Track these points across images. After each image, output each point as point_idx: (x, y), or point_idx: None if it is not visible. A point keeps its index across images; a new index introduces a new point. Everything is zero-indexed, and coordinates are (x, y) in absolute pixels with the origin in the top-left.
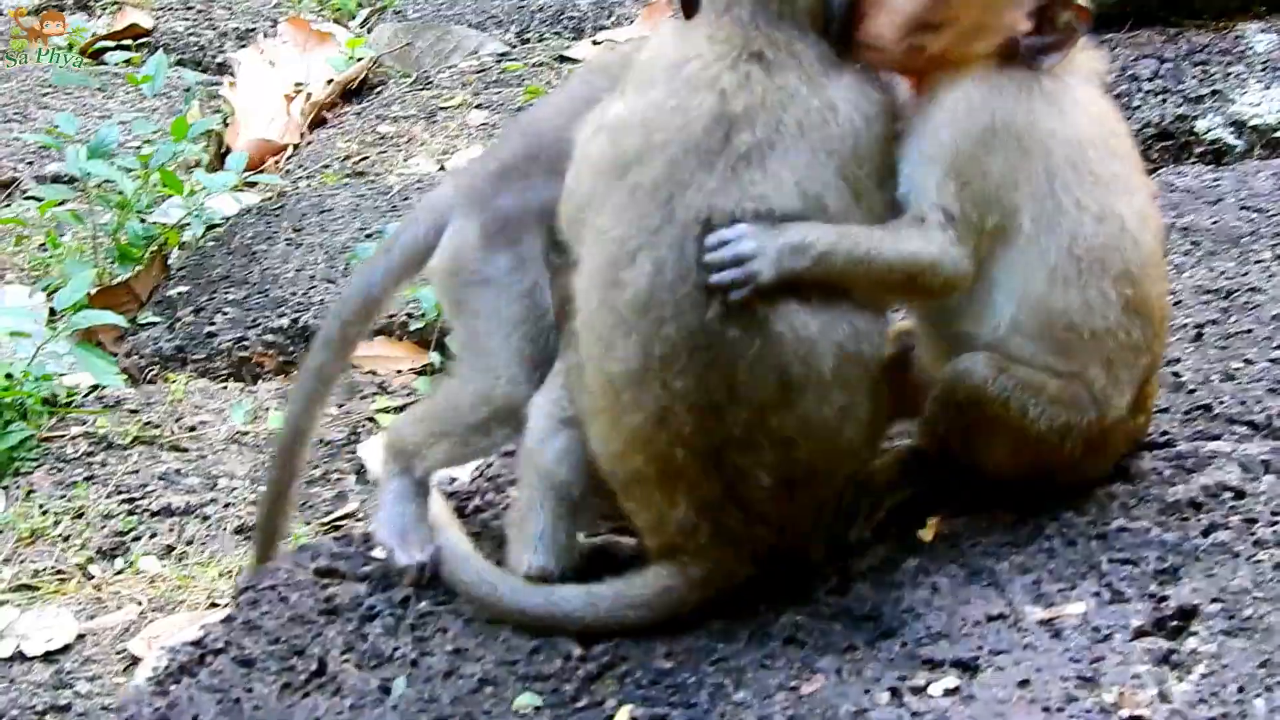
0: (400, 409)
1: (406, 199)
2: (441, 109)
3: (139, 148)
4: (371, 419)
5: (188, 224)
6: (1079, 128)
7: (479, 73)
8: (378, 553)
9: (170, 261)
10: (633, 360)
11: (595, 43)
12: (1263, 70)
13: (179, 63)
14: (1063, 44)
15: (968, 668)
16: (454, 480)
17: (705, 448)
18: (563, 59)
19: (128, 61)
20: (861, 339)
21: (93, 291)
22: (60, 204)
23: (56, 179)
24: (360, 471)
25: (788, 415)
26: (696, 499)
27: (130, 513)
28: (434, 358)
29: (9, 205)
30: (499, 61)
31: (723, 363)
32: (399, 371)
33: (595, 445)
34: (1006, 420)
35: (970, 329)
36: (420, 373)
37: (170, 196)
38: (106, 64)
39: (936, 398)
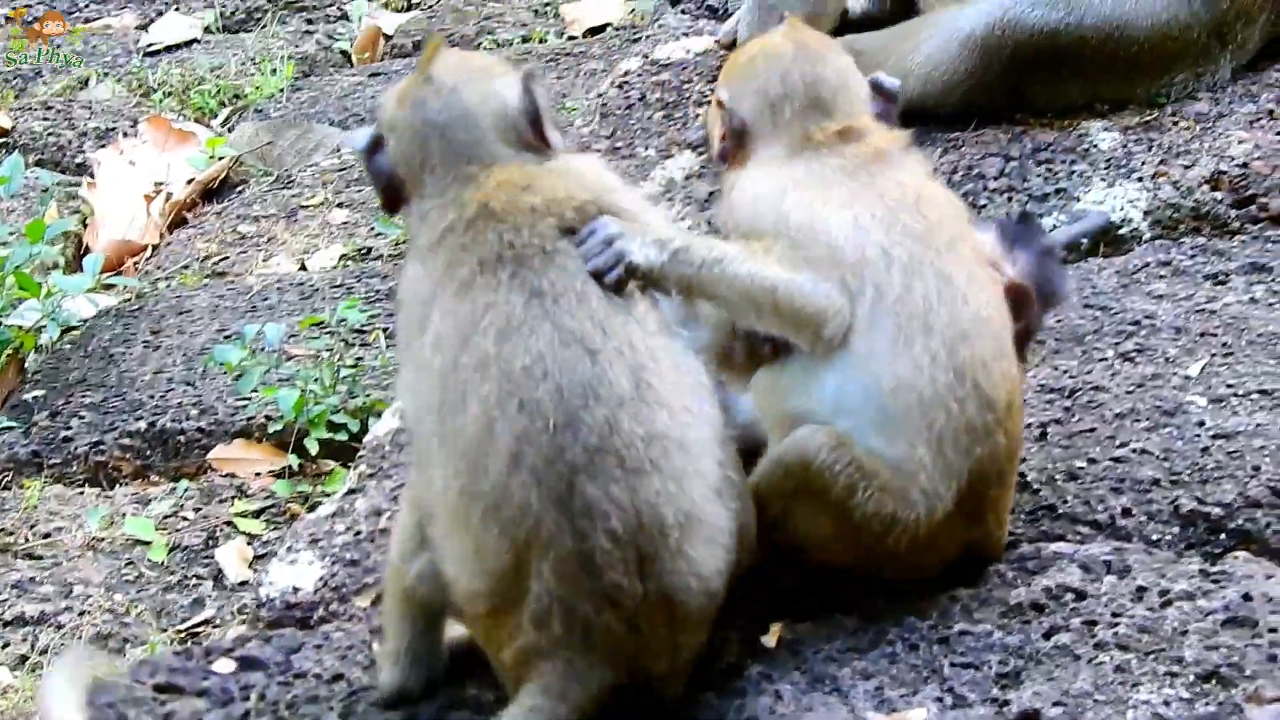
0: (259, 513)
1: (266, 299)
2: (302, 208)
3: None
4: (230, 523)
5: (44, 327)
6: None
7: (340, 171)
8: (218, 667)
9: (26, 365)
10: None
11: None
12: (1106, 168)
13: (38, 163)
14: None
15: None
16: (297, 590)
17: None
18: None
19: None
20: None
21: None
22: None
23: None
24: (218, 577)
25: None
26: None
27: None
28: (292, 460)
29: None
30: (357, 159)
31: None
32: (257, 474)
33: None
34: (831, 497)
35: (801, 405)
36: (279, 475)
37: (26, 299)
38: None
39: (766, 466)
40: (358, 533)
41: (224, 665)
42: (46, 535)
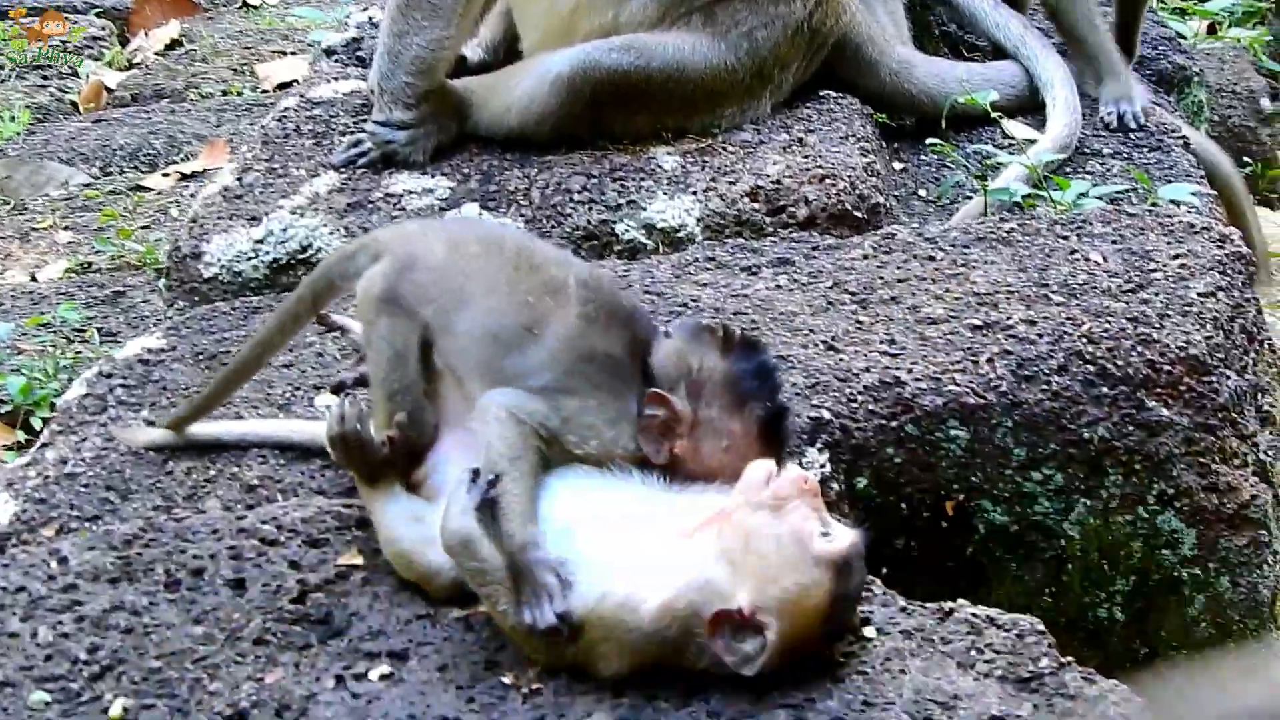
0: None
1: (2, 304)
2: (34, 230)
3: None
4: None
5: None
6: None
7: (66, 200)
8: None
9: None
10: None
11: (165, 175)
12: (668, 184)
13: None
14: None
15: (400, 657)
16: None
17: None
18: (138, 188)
19: None
20: None
21: None
22: None
23: None
24: None
25: None
26: None
27: None
28: (20, 435)
29: None
30: (84, 190)
31: None
32: None
33: None
34: None
35: None
36: (9, 449)
37: None
38: None
39: None
40: (46, 477)
41: None
42: None
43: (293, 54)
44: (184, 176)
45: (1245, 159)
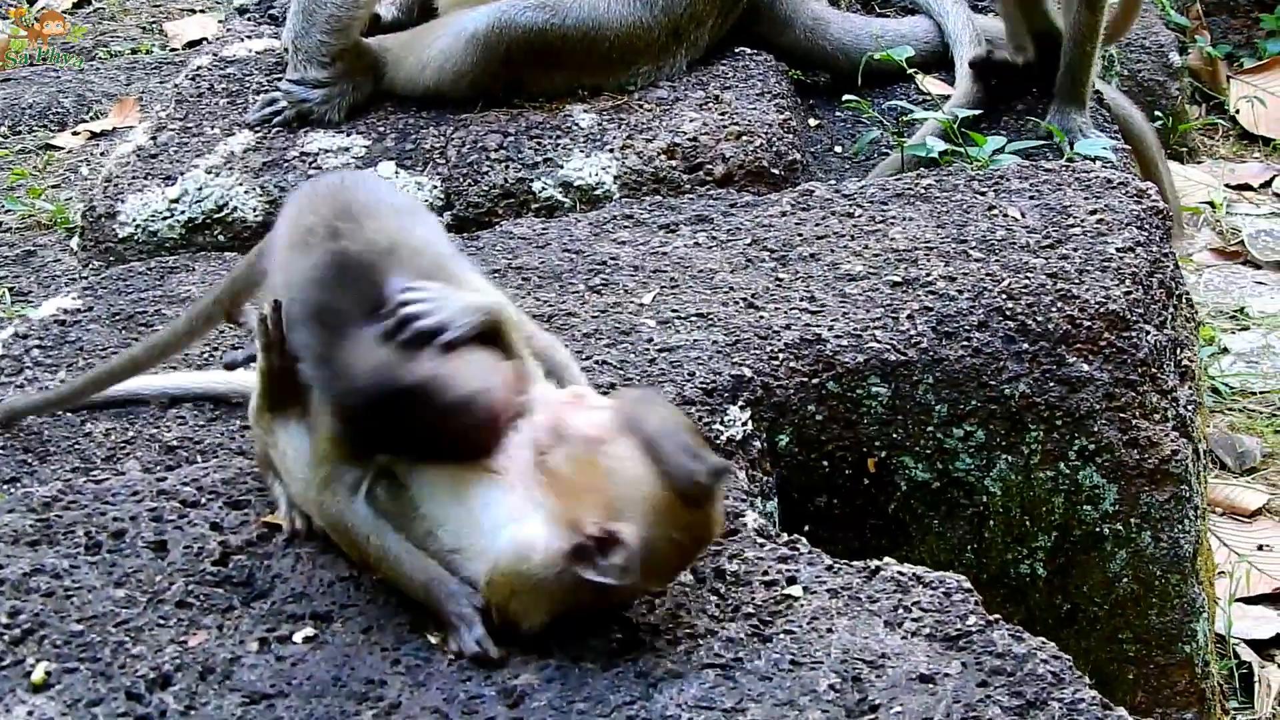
0: None
1: None
2: None
3: None
4: None
5: None
6: None
7: None
8: None
9: None
10: None
11: (75, 134)
12: (584, 142)
13: None
14: None
15: (324, 619)
16: None
17: None
18: (48, 147)
19: None
20: None
21: None
22: None
23: None
24: None
25: None
26: None
27: None
28: None
29: None
30: None
31: None
32: None
33: None
34: None
35: None
36: None
37: None
38: None
39: None
40: None
41: None
42: None
43: (201, 11)
44: (94, 135)
45: (1156, 113)
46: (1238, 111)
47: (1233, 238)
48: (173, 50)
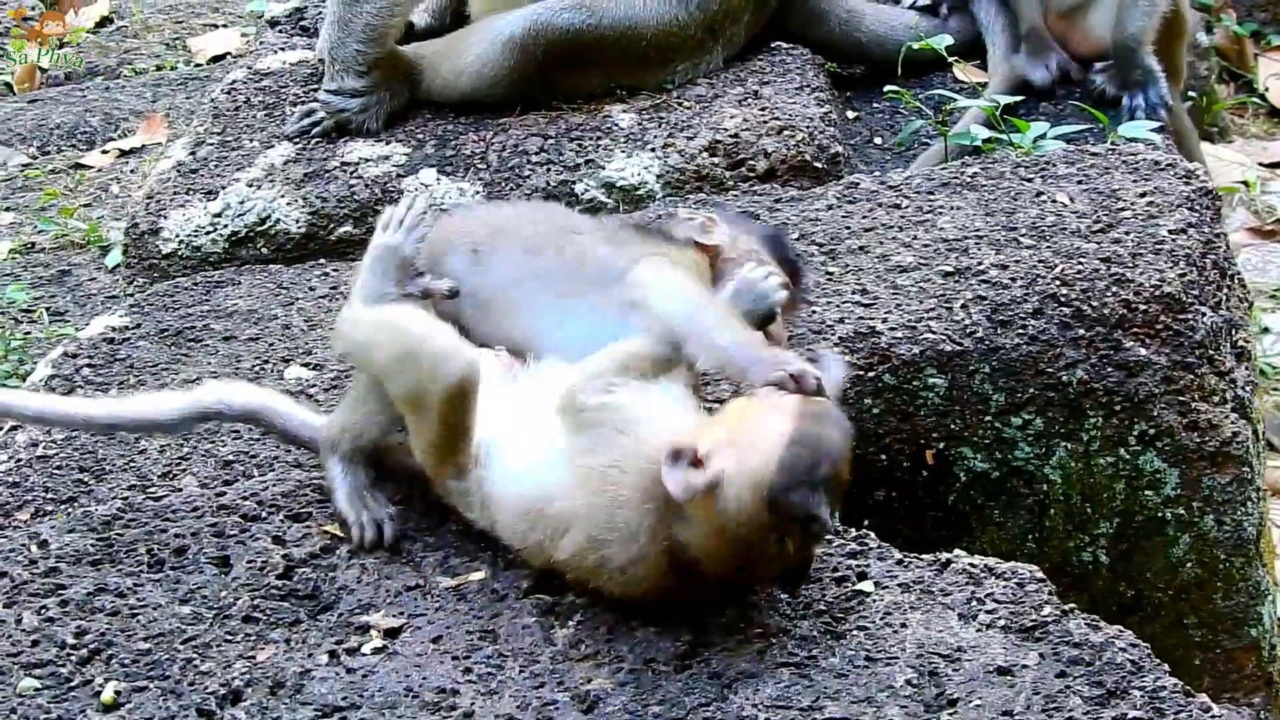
0: None
1: None
2: None
3: None
4: None
5: None
6: None
7: (6, 181)
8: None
9: None
10: None
11: (104, 152)
12: (625, 142)
13: None
14: None
15: (392, 629)
16: None
17: None
18: (78, 166)
19: None
20: None
21: None
22: None
23: None
24: None
25: None
26: None
27: None
28: None
29: None
30: (23, 170)
31: None
32: None
33: None
34: None
35: None
36: None
37: None
38: None
39: None
40: (18, 460)
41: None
42: None
43: (224, 26)
44: (123, 153)
45: (1189, 93)
46: (1267, 89)
47: (1268, 216)
48: (197, 66)
